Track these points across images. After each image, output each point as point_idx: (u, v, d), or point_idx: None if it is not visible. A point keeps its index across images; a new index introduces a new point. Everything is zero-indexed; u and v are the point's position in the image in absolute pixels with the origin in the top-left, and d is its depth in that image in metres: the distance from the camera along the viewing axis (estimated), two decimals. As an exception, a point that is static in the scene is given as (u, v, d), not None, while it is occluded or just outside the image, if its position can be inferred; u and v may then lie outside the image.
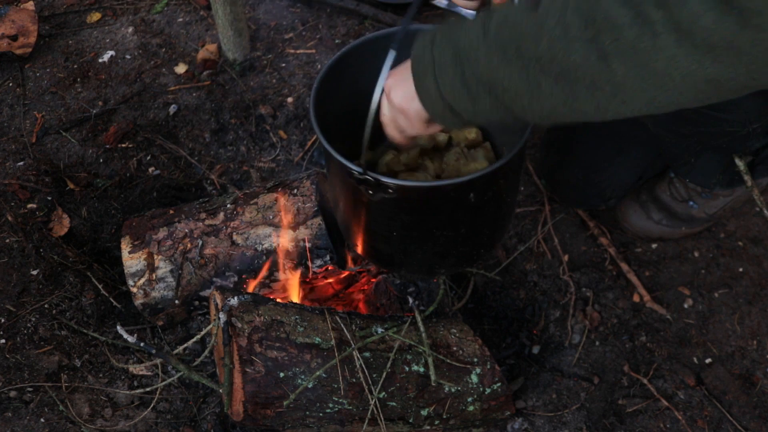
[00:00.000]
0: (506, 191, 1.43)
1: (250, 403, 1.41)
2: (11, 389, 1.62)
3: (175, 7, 2.53)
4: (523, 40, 0.98)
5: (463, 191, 1.31)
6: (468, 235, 1.45)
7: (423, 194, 1.32)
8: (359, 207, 1.42)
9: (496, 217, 1.47)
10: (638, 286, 1.83)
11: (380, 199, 1.29)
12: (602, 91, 0.93)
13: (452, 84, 1.08)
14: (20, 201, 1.94)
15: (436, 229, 1.40)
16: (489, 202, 1.38)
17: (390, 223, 1.40)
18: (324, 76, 1.42)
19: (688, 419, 1.63)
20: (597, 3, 0.90)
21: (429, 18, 2.49)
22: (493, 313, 1.82)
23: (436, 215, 1.37)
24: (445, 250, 1.47)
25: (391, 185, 1.25)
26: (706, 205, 1.84)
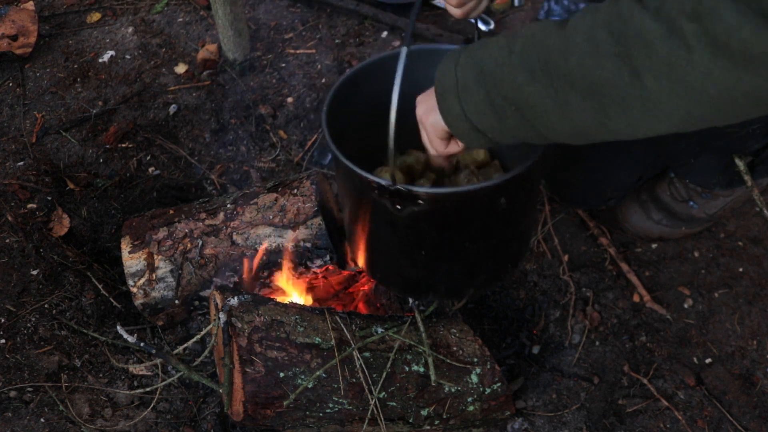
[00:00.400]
0: (531, 198, 1.40)
1: (250, 403, 1.41)
2: (11, 389, 1.62)
3: (175, 7, 2.54)
4: (550, 56, 0.97)
5: (496, 195, 1.27)
6: (499, 248, 1.42)
7: (456, 202, 1.27)
8: (382, 227, 1.36)
9: (524, 227, 1.44)
10: (638, 286, 1.83)
11: (409, 213, 1.24)
12: (634, 108, 0.91)
13: (476, 102, 1.07)
14: (20, 201, 1.94)
15: (468, 241, 1.35)
16: (518, 209, 1.35)
17: (418, 241, 1.35)
18: (336, 91, 1.39)
19: (688, 419, 1.63)
20: (628, 18, 0.88)
21: (429, 18, 2.50)
22: (493, 313, 1.83)
23: (468, 225, 1.32)
24: (475, 266, 1.43)
25: (422, 195, 1.20)
26: (706, 205, 1.84)
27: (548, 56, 0.97)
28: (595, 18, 0.93)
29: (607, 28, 0.91)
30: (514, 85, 1.01)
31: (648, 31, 0.86)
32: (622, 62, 0.89)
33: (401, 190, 1.19)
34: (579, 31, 0.94)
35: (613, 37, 0.90)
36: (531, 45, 1.00)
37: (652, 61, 0.86)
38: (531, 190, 1.36)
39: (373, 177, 1.21)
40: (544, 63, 0.97)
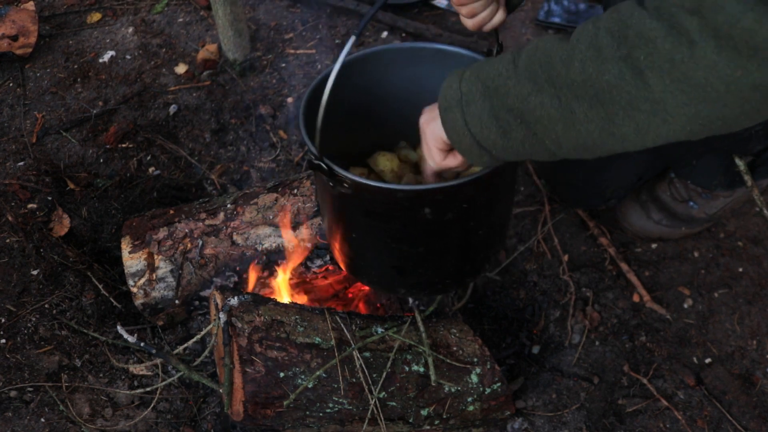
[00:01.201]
0: (476, 218, 1.32)
1: (250, 403, 1.41)
2: (11, 389, 1.62)
3: (176, 7, 2.54)
4: (554, 66, 0.96)
5: (416, 203, 1.23)
6: (427, 258, 1.36)
7: (375, 196, 1.24)
8: (326, 199, 1.37)
9: (462, 246, 1.36)
10: (638, 286, 1.83)
11: (339, 192, 1.24)
12: (640, 110, 0.89)
13: (480, 116, 1.06)
14: (20, 201, 1.94)
15: (390, 239, 1.32)
16: (451, 224, 1.29)
17: (349, 222, 1.35)
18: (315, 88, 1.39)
19: (688, 419, 1.63)
20: (628, 19, 0.87)
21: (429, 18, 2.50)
22: (493, 313, 1.83)
23: (390, 224, 1.29)
24: (403, 267, 1.39)
25: (346, 179, 1.20)
26: (707, 205, 1.84)
27: (552, 66, 0.96)
28: (597, 25, 0.92)
29: (609, 32, 0.89)
30: (520, 96, 1.00)
31: (649, 30, 0.85)
32: (625, 64, 0.87)
33: (322, 166, 1.20)
34: (582, 40, 0.93)
35: (614, 40, 0.88)
36: (535, 57, 1.00)
37: (654, 59, 0.85)
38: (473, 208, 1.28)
39: (311, 147, 1.21)
40: (548, 73, 0.97)
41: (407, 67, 1.48)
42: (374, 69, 1.47)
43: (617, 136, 0.94)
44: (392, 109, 1.53)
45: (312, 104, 1.34)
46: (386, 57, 1.46)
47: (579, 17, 2.41)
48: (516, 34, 2.43)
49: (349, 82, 1.43)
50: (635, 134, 0.93)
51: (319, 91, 1.36)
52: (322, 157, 1.20)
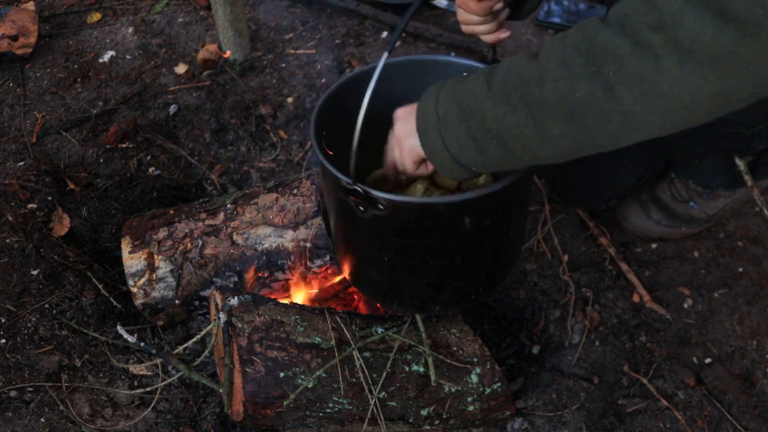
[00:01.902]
0: (508, 221, 1.32)
1: (250, 403, 1.41)
2: (12, 389, 1.62)
3: (176, 7, 2.54)
4: (527, 86, 0.99)
5: (458, 213, 1.22)
6: (464, 268, 1.35)
7: (414, 213, 1.22)
8: (350, 226, 1.34)
9: (496, 251, 1.35)
10: (638, 286, 1.83)
11: (371, 216, 1.21)
12: (612, 122, 0.94)
13: (458, 138, 1.09)
14: (20, 201, 1.94)
15: (429, 256, 1.29)
16: (487, 231, 1.28)
17: (381, 246, 1.31)
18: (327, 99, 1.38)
19: (688, 419, 1.63)
20: (594, 38, 0.91)
21: (429, 18, 2.50)
22: (493, 313, 1.83)
23: (428, 239, 1.27)
24: (439, 282, 1.37)
25: (382, 200, 1.18)
26: (707, 205, 1.84)
27: (525, 87, 1.00)
28: (564, 44, 0.96)
29: (576, 50, 0.93)
30: (495, 118, 1.04)
31: (616, 47, 0.89)
32: (595, 81, 0.92)
33: (358, 190, 1.18)
34: (551, 59, 0.97)
35: (583, 57, 0.92)
36: (508, 78, 1.03)
37: (622, 75, 0.89)
38: (507, 212, 1.29)
39: (339, 174, 1.19)
40: (521, 93, 1.00)
41: (407, 81, 1.47)
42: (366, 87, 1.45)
43: (591, 144, 1.00)
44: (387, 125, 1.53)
45: (321, 124, 1.33)
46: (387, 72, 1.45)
47: (579, 17, 2.41)
48: (516, 34, 2.43)
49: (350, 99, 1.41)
50: (608, 141, 0.99)
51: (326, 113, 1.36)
52: (356, 182, 1.18)
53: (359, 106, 1.14)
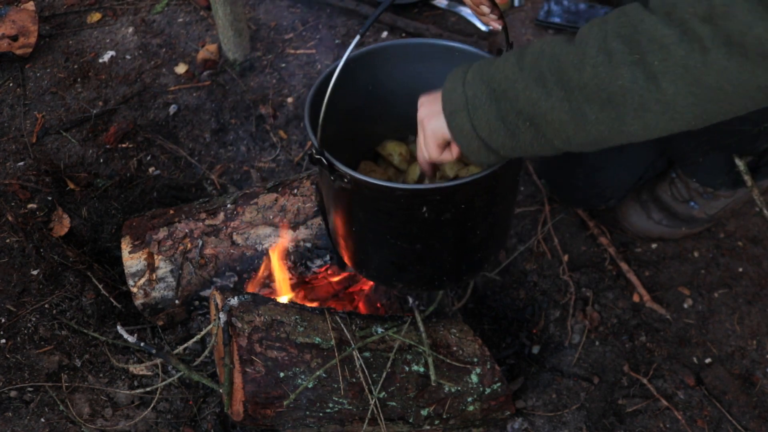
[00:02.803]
0: (474, 218, 1.33)
1: (250, 403, 1.41)
2: (12, 389, 1.62)
3: (176, 7, 2.54)
4: (564, 70, 0.98)
5: (415, 202, 1.24)
6: (425, 254, 1.38)
7: (374, 193, 1.25)
8: (329, 193, 1.39)
9: (459, 245, 1.38)
10: (638, 286, 1.83)
11: (339, 187, 1.26)
12: (651, 111, 0.93)
13: (488, 120, 1.07)
14: (20, 201, 1.94)
15: (389, 235, 1.34)
16: (449, 224, 1.29)
17: (349, 217, 1.37)
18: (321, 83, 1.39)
19: (688, 419, 1.63)
20: (639, 25, 0.91)
21: (429, 18, 2.50)
22: (493, 313, 1.83)
23: (389, 221, 1.30)
24: (401, 262, 1.41)
25: (346, 174, 1.22)
26: (707, 205, 1.84)
27: (561, 70, 0.98)
28: (604, 29, 0.94)
29: (619, 36, 0.92)
30: (529, 100, 1.02)
31: (662, 36, 0.88)
32: (638, 68, 0.91)
33: (322, 160, 1.22)
34: (590, 43, 0.95)
35: (626, 45, 0.91)
36: (541, 60, 1.01)
37: (668, 64, 0.88)
38: (471, 208, 1.30)
39: (314, 140, 1.23)
40: (557, 77, 0.99)
41: (412, 64, 1.48)
42: (379, 65, 1.47)
43: (625, 133, 0.98)
44: (398, 105, 1.53)
45: (317, 100, 1.35)
46: (391, 53, 1.46)
47: (579, 17, 2.41)
48: (516, 34, 2.43)
49: (354, 78, 1.44)
50: (643, 131, 0.97)
51: (324, 86, 1.36)
52: (323, 151, 1.21)
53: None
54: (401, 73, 1.49)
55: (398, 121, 1.56)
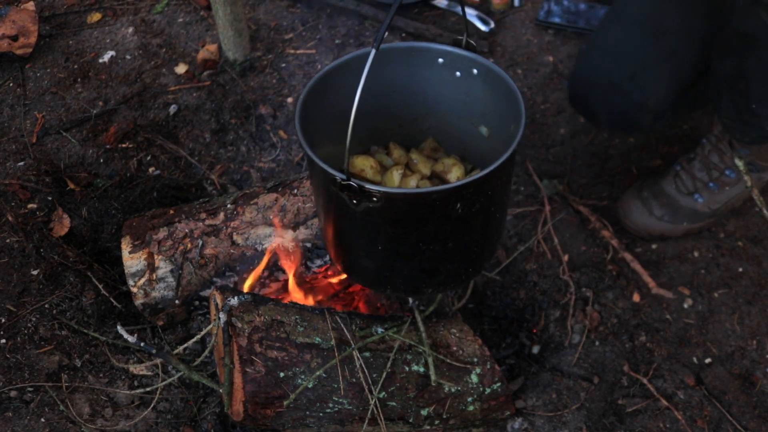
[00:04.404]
0: (495, 203, 1.36)
1: (250, 403, 1.41)
2: (12, 389, 1.62)
3: (176, 7, 2.54)
4: None
5: (450, 200, 1.26)
6: (456, 251, 1.39)
7: (408, 203, 1.26)
8: (342, 219, 1.36)
9: (484, 232, 1.40)
10: (642, 274, 1.82)
11: (364, 209, 1.24)
12: None
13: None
14: (20, 201, 1.94)
15: (422, 242, 1.34)
16: (477, 214, 1.32)
17: (375, 236, 1.35)
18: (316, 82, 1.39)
19: (688, 419, 1.63)
20: None
21: (429, 18, 2.50)
22: (493, 313, 1.83)
23: (422, 227, 1.31)
24: (432, 267, 1.41)
25: (376, 193, 1.20)
26: (711, 199, 1.85)
27: None
28: None
29: None
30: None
31: None
32: None
33: (353, 185, 1.20)
34: None
35: None
36: None
37: None
38: (493, 194, 1.33)
39: (330, 169, 1.21)
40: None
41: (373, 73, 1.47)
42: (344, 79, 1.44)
43: None
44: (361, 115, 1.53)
45: (306, 117, 1.34)
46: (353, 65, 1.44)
47: (579, 17, 2.41)
48: (516, 34, 2.44)
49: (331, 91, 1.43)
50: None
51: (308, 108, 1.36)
52: (350, 176, 1.20)
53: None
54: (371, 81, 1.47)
55: (360, 134, 1.51)
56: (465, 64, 1.44)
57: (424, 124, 1.59)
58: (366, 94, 1.46)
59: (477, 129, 1.52)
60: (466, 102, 1.50)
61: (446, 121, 1.57)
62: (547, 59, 2.35)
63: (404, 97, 1.54)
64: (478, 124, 1.52)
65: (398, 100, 1.54)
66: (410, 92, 1.53)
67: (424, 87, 1.52)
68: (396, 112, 1.57)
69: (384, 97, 1.52)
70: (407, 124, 1.59)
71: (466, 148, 1.58)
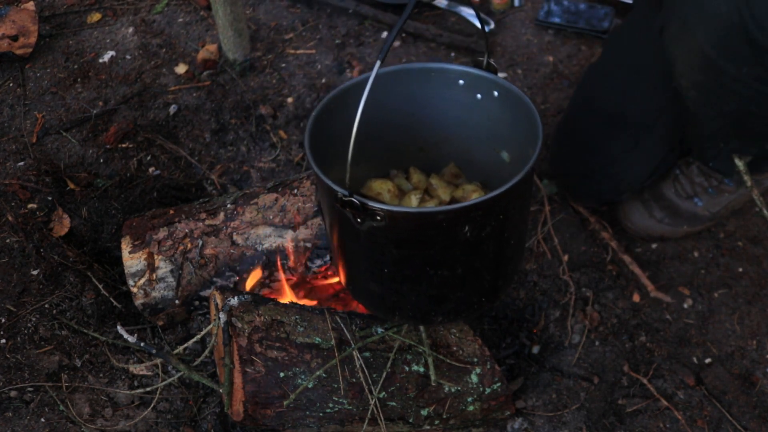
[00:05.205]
0: (509, 228, 1.28)
1: (250, 403, 1.41)
2: (12, 389, 1.62)
3: (176, 7, 2.54)
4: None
5: (457, 222, 1.20)
6: (466, 278, 1.32)
7: (413, 223, 1.20)
8: (348, 239, 1.32)
9: (498, 259, 1.33)
10: (642, 277, 1.82)
11: (369, 228, 1.19)
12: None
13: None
14: (21, 201, 1.94)
15: (429, 267, 1.28)
16: (488, 239, 1.26)
17: (380, 258, 1.29)
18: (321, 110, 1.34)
19: (688, 419, 1.63)
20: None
21: (429, 18, 2.50)
22: (493, 313, 1.83)
23: (428, 250, 1.25)
24: (440, 293, 1.35)
25: (379, 211, 1.15)
26: (711, 202, 1.84)
27: None
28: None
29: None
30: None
31: None
32: None
33: (355, 202, 1.15)
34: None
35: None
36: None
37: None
38: (506, 218, 1.26)
39: (335, 186, 1.17)
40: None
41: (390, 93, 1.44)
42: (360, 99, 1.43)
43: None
44: (382, 138, 1.49)
45: (316, 136, 1.30)
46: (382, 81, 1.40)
47: (579, 17, 2.41)
48: (516, 34, 2.44)
49: (345, 110, 1.37)
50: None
51: (318, 126, 1.32)
52: (353, 193, 1.15)
53: (353, 117, 1.11)
54: (381, 104, 1.43)
55: (377, 157, 1.52)
56: (486, 86, 1.39)
57: (446, 149, 1.54)
58: (383, 113, 1.44)
59: (499, 154, 1.48)
60: (487, 126, 1.45)
61: (468, 146, 1.52)
62: (547, 59, 2.35)
63: (424, 120, 1.49)
64: (500, 149, 1.47)
65: (417, 122, 1.50)
66: (430, 115, 1.48)
67: (443, 109, 1.47)
68: (416, 135, 1.53)
69: (402, 118, 1.48)
70: (428, 148, 1.55)
71: (488, 175, 1.52)
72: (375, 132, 1.43)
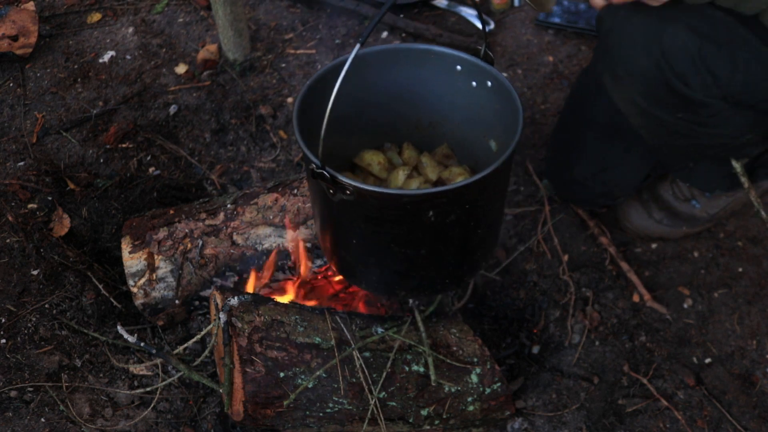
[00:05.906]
0: (474, 219, 1.33)
1: (250, 402, 1.41)
2: (12, 389, 1.62)
3: (176, 7, 2.54)
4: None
5: (422, 207, 1.24)
6: (430, 259, 1.37)
7: (380, 201, 1.24)
8: (324, 207, 1.37)
9: (463, 245, 1.38)
10: (638, 286, 1.83)
11: (340, 200, 1.24)
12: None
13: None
14: (21, 201, 1.94)
15: (394, 244, 1.33)
16: (453, 226, 1.30)
17: (349, 230, 1.35)
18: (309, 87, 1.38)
19: (688, 419, 1.63)
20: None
21: (429, 18, 2.50)
22: (493, 313, 1.83)
23: (393, 229, 1.29)
24: (405, 270, 1.40)
25: (348, 186, 1.20)
26: (708, 204, 1.84)
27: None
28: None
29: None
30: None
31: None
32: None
33: (326, 174, 1.20)
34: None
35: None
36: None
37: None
38: (474, 208, 1.30)
39: (311, 156, 1.21)
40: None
41: (390, 70, 1.48)
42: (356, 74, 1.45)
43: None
44: (374, 113, 1.53)
45: (305, 111, 1.34)
46: (369, 61, 1.46)
47: (579, 17, 2.41)
48: (516, 34, 2.44)
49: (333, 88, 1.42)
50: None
51: (311, 97, 1.36)
52: (325, 165, 1.20)
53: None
54: (380, 80, 1.48)
55: (374, 130, 1.56)
56: (481, 75, 1.44)
57: (440, 129, 1.59)
58: (380, 90, 1.48)
59: (487, 142, 1.52)
60: (479, 114, 1.49)
61: (461, 130, 1.56)
62: (547, 59, 2.35)
63: (422, 98, 1.53)
64: (489, 137, 1.51)
65: (417, 98, 1.54)
66: (425, 95, 1.53)
67: (439, 93, 1.51)
68: (411, 113, 1.57)
69: (403, 92, 1.51)
70: (423, 127, 1.59)
71: (477, 161, 1.57)
72: (376, 100, 1.50)
